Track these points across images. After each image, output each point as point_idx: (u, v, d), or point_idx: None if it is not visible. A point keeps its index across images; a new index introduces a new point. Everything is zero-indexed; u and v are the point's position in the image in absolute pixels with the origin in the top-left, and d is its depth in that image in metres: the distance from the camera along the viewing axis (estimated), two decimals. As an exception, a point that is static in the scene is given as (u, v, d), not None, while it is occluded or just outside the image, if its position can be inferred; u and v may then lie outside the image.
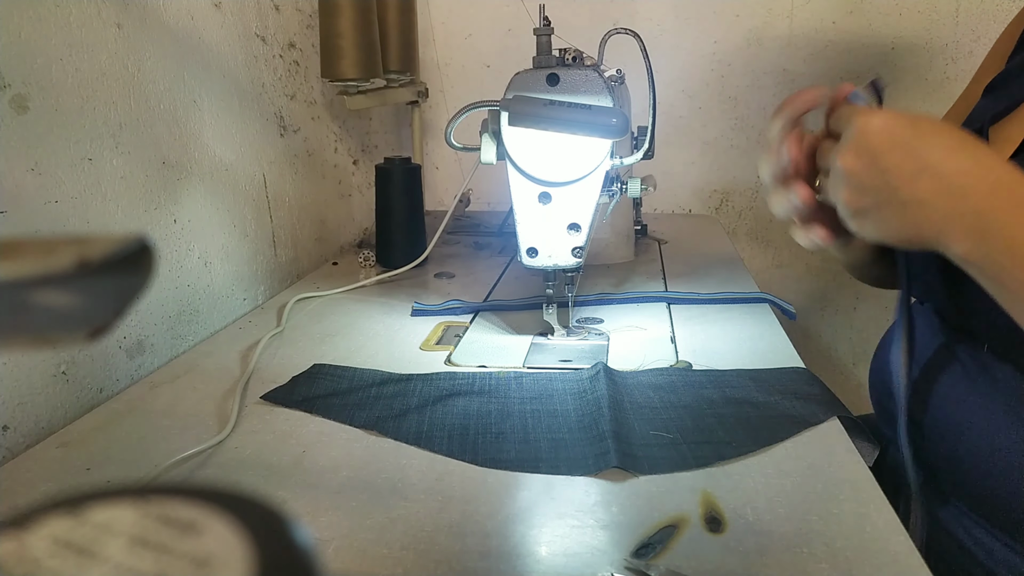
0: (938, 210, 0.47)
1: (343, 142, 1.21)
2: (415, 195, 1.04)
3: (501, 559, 0.43)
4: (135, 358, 0.72)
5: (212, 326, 0.85)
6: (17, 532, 0.15)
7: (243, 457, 0.56)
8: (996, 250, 0.45)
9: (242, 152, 0.91)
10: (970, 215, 0.46)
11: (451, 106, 1.44)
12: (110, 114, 0.69)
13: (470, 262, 1.10)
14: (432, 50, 1.42)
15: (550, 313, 0.77)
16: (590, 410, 0.60)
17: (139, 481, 0.52)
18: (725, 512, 0.47)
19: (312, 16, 1.07)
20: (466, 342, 0.77)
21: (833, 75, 1.34)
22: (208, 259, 0.84)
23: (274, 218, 0.99)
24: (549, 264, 0.74)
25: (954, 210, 0.46)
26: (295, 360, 0.73)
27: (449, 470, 0.53)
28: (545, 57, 0.68)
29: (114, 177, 0.69)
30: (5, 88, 0.57)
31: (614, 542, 0.45)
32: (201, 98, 0.83)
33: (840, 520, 0.46)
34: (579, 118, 0.65)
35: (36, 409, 0.61)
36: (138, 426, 0.61)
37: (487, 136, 0.71)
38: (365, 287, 0.96)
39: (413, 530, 0.46)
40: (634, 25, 1.20)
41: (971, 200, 0.46)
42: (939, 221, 0.47)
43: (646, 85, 0.70)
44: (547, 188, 0.71)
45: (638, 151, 0.73)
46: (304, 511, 0.48)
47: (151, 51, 0.74)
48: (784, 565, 0.42)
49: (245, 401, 0.64)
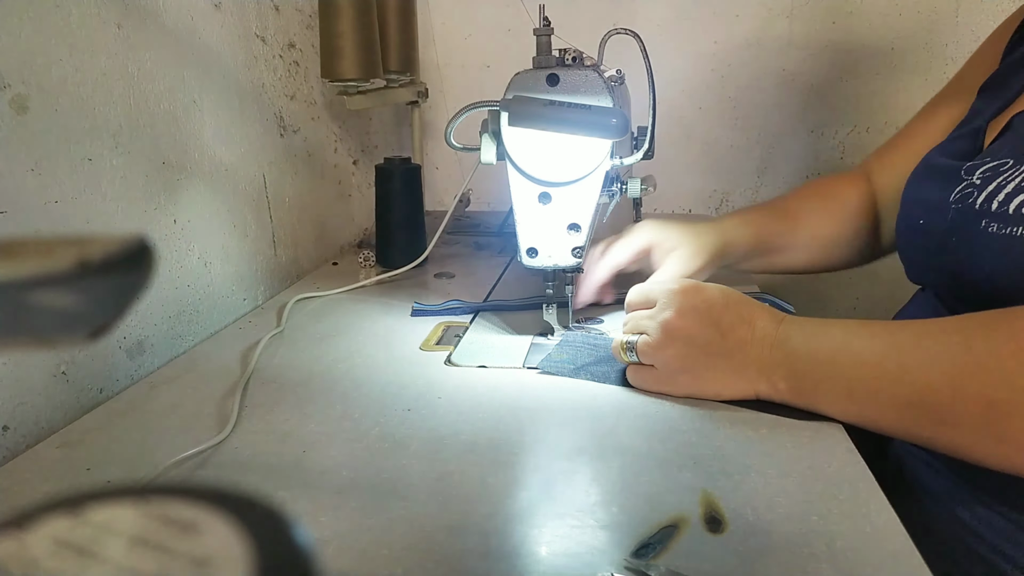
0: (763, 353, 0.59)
1: (343, 142, 1.21)
2: (415, 195, 1.04)
3: (501, 559, 0.43)
4: (135, 358, 0.72)
5: (212, 326, 0.85)
6: (17, 532, 0.15)
7: (243, 457, 0.56)
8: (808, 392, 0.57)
9: (242, 152, 0.91)
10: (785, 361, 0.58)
11: (451, 106, 1.44)
12: (110, 114, 0.69)
13: (470, 262, 1.10)
14: (432, 50, 1.42)
15: (550, 313, 0.77)
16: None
17: (139, 481, 0.52)
18: (725, 512, 0.47)
19: (312, 16, 1.07)
20: (466, 342, 0.77)
21: (833, 75, 1.34)
22: (208, 259, 0.84)
23: (274, 218, 0.99)
24: (549, 264, 0.74)
25: (772, 356, 0.59)
26: (295, 360, 0.73)
27: (449, 470, 0.53)
28: (545, 57, 0.68)
29: (114, 177, 0.69)
30: (5, 88, 0.57)
31: (614, 542, 0.45)
32: (201, 98, 0.83)
33: (840, 520, 0.46)
34: (579, 118, 0.65)
35: (36, 409, 0.61)
36: (138, 426, 0.61)
37: (487, 136, 0.71)
38: (365, 287, 0.96)
39: (413, 530, 0.46)
40: (634, 25, 1.20)
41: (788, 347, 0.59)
42: (762, 363, 0.59)
43: (646, 85, 0.70)
44: (547, 188, 0.71)
45: (638, 151, 0.73)
46: (304, 511, 0.48)
47: (151, 51, 0.74)
48: (784, 565, 0.42)
49: (245, 401, 0.64)
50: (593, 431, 0.58)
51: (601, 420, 0.60)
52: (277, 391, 0.66)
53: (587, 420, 0.60)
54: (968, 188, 0.64)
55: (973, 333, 0.49)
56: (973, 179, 0.64)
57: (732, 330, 0.60)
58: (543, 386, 0.67)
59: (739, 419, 0.59)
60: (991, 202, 0.60)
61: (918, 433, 0.52)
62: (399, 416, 0.61)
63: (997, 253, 0.58)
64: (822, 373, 0.56)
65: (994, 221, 0.60)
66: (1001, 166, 0.62)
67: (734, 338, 0.60)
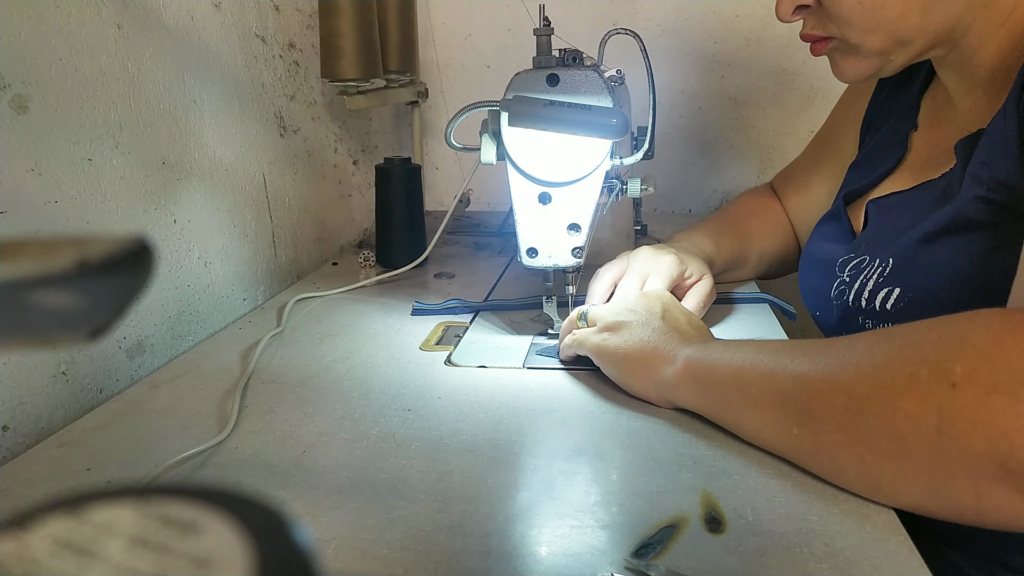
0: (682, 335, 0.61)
1: (343, 142, 1.21)
2: (415, 195, 1.04)
3: (501, 559, 0.43)
4: (135, 358, 0.72)
5: (212, 326, 0.85)
6: (17, 532, 0.15)
7: (243, 457, 0.56)
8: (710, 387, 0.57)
9: (242, 152, 0.91)
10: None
11: (451, 106, 1.44)
12: (110, 114, 0.69)
13: (470, 262, 1.10)
14: (432, 50, 1.42)
15: (550, 305, 0.77)
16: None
17: (139, 481, 0.52)
18: (725, 512, 0.47)
19: (312, 16, 1.07)
20: (466, 342, 0.77)
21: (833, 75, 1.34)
22: (208, 259, 0.84)
23: (274, 218, 0.99)
24: (549, 264, 0.74)
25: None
26: (295, 360, 0.73)
27: (449, 470, 0.53)
28: (545, 57, 0.68)
29: (114, 177, 0.69)
30: (5, 88, 0.57)
31: (614, 542, 0.45)
32: (201, 98, 0.83)
33: (840, 520, 0.46)
34: (579, 118, 0.65)
35: (36, 409, 0.61)
36: (138, 426, 0.61)
37: (487, 136, 0.71)
38: (365, 287, 0.96)
39: (413, 530, 0.46)
40: (634, 25, 1.20)
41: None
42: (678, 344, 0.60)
43: (646, 85, 0.70)
44: (547, 188, 0.71)
45: (638, 151, 0.73)
46: (304, 511, 0.48)
47: (151, 51, 0.74)
48: (784, 565, 0.42)
49: (245, 401, 0.64)
50: (593, 431, 0.58)
51: (601, 420, 0.60)
52: (277, 391, 0.66)
53: (587, 420, 0.60)
54: (841, 285, 0.69)
55: (859, 337, 0.49)
56: (844, 276, 0.69)
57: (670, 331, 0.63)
58: (543, 386, 0.67)
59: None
60: (860, 299, 0.65)
61: (788, 428, 0.50)
62: (399, 416, 0.61)
63: None
64: (715, 379, 0.56)
65: (868, 318, 0.64)
66: (861, 262, 0.67)
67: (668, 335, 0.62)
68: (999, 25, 0.62)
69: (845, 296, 0.67)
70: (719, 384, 0.55)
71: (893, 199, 0.70)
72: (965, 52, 0.65)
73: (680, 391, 0.58)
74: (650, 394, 0.61)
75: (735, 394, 0.54)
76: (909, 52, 0.65)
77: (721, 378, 0.55)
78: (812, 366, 0.49)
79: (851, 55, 0.68)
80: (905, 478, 0.44)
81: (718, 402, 0.56)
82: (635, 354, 0.61)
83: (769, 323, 0.81)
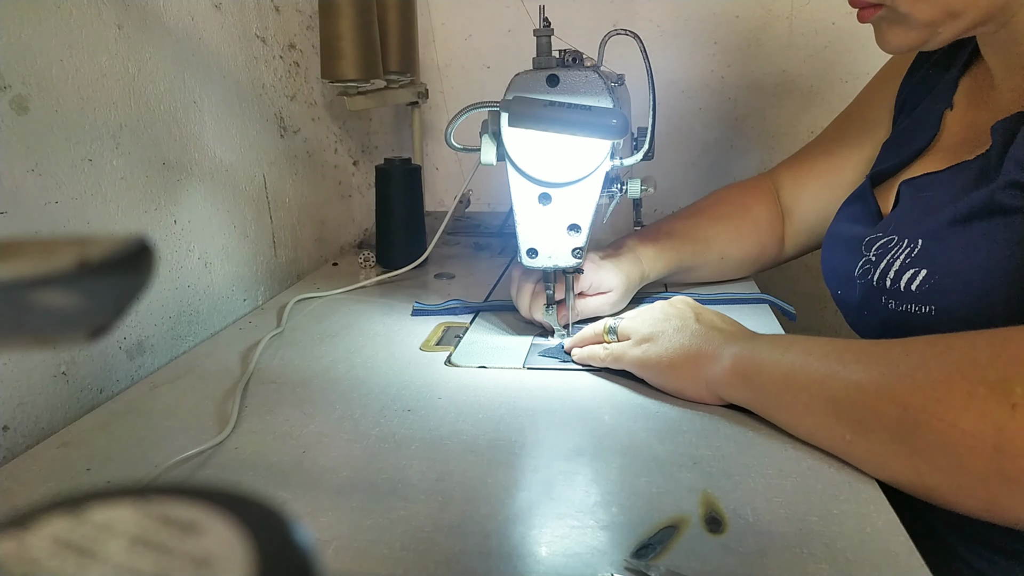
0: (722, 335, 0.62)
1: (343, 143, 1.21)
2: (415, 196, 1.04)
3: (501, 559, 0.43)
4: (135, 358, 0.72)
5: (212, 327, 0.85)
6: (17, 532, 0.15)
7: (243, 457, 0.56)
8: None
9: (242, 153, 0.91)
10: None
11: (451, 107, 1.44)
12: (110, 115, 0.69)
13: (470, 263, 1.10)
14: (432, 51, 1.42)
15: (549, 314, 0.77)
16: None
17: (139, 481, 0.52)
18: (725, 512, 0.47)
19: (312, 17, 1.07)
20: (466, 343, 0.77)
21: (833, 75, 1.34)
22: (208, 260, 0.84)
23: (274, 219, 0.99)
24: (549, 265, 0.74)
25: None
26: (295, 361, 0.73)
27: (449, 470, 0.53)
28: (545, 58, 0.68)
29: (114, 178, 0.69)
30: (5, 88, 0.57)
31: (614, 542, 0.45)
32: (201, 99, 0.83)
33: (840, 520, 0.46)
34: (579, 119, 0.65)
35: (36, 409, 0.61)
36: (138, 426, 0.61)
37: (487, 137, 0.71)
38: (365, 288, 0.96)
39: (413, 530, 0.46)
40: (634, 26, 1.20)
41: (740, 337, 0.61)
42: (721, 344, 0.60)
43: (646, 86, 0.70)
44: (547, 189, 0.71)
45: (638, 152, 0.73)
46: (304, 511, 0.48)
47: (151, 52, 0.74)
48: (784, 565, 0.42)
49: (245, 401, 0.64)
50: (593, 431, 0.58)
51: (601, 420, 0.60)
52: (277, 391, 0.66)
53: (587, 420, 0.60)
54: (866, 264, 0.68)
55: (913, 345, 0.49)
56: (870, 255, 0.68)
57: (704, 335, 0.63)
58: (543, 386, 0.67)
59: (739, 419, 0.59)
60: (885, 279, 0.64)
61: (841, 434, 0.51)
62: (399, 416, 0.61)
63: (901, 330, 0.61)
64: (765, 379, 0.56)
65: (892, 298, 0.63)
66: (889, 242, 0.66)
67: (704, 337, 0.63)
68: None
69: (870, 276, 0.66)
70: (770, 385, 0.56)
71: (926, 179, 0.68)
72: (1014, 31, 0.63)
73: (731, 389, 0.59)
74: (703, 395, 0.61)
75: (787, 397, 0.54)
76: (959, 25, 0.62)
77: (772, 379, 0.55)
78: (866, 374, 0.49)
79: (898, 24, 0.64)
80: (962, 490, 0.45)
81: (770, 403, 0.56)
82: (680, 359, 0.62)
83: (769, 323, 0.81)
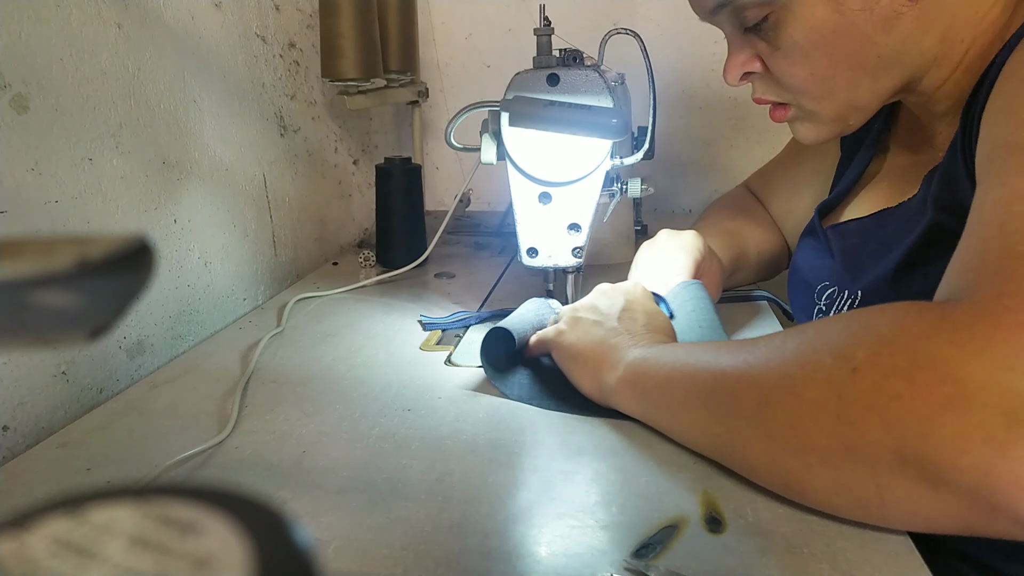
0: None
1: (343, 142, 1.21)
2: (415, 195, 1.04)
3: (501, 559, 0.43)
4: (135, 358, 0.72)
5: (212, 326, 0.85)
6: (17, 532, 0.15)
7: (243, 457, 0.56)
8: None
9: (242, 152, 0.91)
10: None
11: (451, 106, 1.44)
12: (110, 114, 0.69)
13: (470, 262, 1.10)
14: (432, 50, 1.42)
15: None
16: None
17: (139, 481, 0.52)
18: (725, 512, 0.47)
19: (312, 16, 1.07)
20: (466, 343, 0.77)
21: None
22: (208, 259, 0.84)
23: (274, 218, 0.99)
24: (549, 264, 0.74)
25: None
26: (295, 360, 0.73)
27: (449, 470, 0.53)
28: (545, 57, 0.68)
29: (114, 177, 0.69)
30: (5, 88, 0.57)
31: (614, 542, 0.45)
32: (201, 98, 0.83)
33: (840, 520, 0.46)
34: (579, 118, 0.65)
35: (36, 409, 0.61)
36: (138, 426, 0.61)
37: (487, 136, 0.71)
38: (365, 287, 0.96)
39: (413, 530, 0.46)
40: (634, 25, 1.20)
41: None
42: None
43: (646, 85, 0.70)
44: (547, 188, 0.71)
45: (638, 151, 0.73)
46: (304, 511, 0.48)
47: (151, 51, 0.74)
48: (784, 565, 0.42)
49: (245, 401, 0.64)
50: (593, 431, 0.58)
51: (601, 420, 0.60)
52: (277, 391, 0.66)
53: (587, 420, 0.60)
54: (819, 312, 0.70)
55: (780, 333, 0.48)
56: (820, 304, 0.70)
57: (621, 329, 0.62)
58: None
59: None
60: None
61: (710, 428, 0.49)
62: (399, 416, 0.61)
63: None
64: (648, 383, 0.55)
65: None
66: (833, 293, 0.68)
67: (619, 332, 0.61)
68: (951, 70, 0.61)
69: None
70: (652, 388, 0.55)
71: (852, 226, 0.70)
72: (924, 95, 0.64)
73: (620, 397, 0.57)
74: (595, 396, 0.60)
75: (665, 397, 0.54)
76: (866, 113, 0.65)
77: (654, 382, 0.55)
78: (732, 362, 0.48)
79: (808, 121, 0.67)
80: (810, 471, 0.43)
81: (651, 406, 0.55)
82: (586, 353, 0.61)
83: (769, 323, 0.81)
